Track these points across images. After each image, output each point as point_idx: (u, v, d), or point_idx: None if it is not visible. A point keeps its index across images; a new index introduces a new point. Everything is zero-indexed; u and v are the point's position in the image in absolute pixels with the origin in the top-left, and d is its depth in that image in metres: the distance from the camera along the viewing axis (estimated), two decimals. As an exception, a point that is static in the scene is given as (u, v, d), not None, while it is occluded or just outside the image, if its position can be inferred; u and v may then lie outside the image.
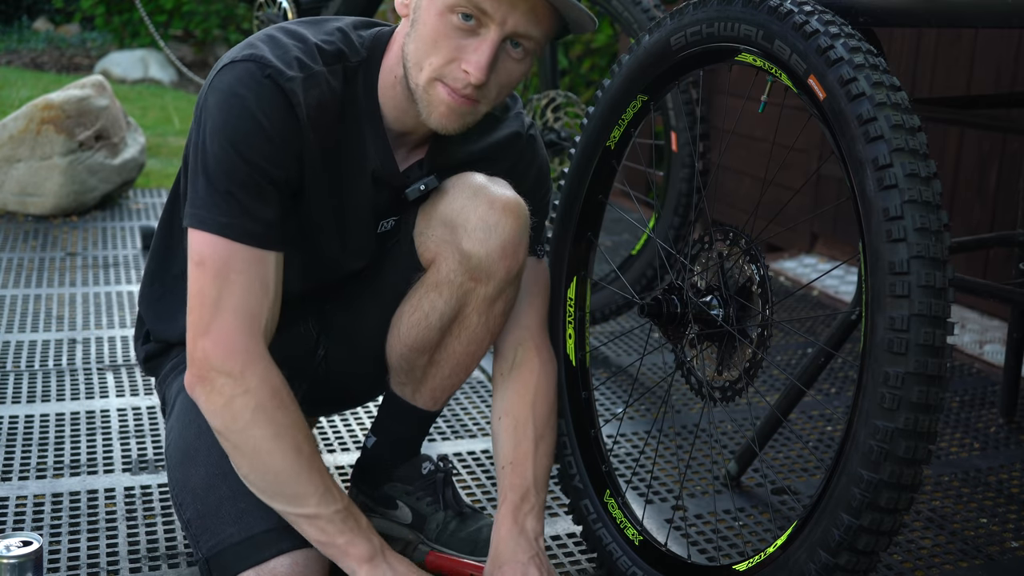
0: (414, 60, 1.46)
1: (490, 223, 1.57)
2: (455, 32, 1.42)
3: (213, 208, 1.41)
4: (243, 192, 1.41)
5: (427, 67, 1.45)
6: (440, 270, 1.61)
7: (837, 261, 3.70)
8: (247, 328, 1.42)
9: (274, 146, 1.42)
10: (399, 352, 1.68)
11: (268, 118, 1.41)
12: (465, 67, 1.43)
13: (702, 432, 2.34)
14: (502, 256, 1.58)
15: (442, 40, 1.43)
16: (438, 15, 1.42)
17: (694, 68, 1.61)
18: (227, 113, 1.41)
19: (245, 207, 1.41)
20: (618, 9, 2.60)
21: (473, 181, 1.60)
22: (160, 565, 1.73)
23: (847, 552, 1.29)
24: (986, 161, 3.08)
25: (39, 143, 3.87)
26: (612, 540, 1.70)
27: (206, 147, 1.42)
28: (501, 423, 1.67)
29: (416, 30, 1.46)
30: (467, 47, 1.43)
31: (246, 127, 1.41)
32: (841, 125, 1.32)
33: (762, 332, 1.48)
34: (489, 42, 1.42)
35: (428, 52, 1.44)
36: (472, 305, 1.62)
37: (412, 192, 1.59)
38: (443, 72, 1.45)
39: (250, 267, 1.42)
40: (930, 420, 1.25)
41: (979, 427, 2.41)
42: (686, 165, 2.57)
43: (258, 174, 1.42)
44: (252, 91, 1.41)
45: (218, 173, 1.41)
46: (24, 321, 2.86)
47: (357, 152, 1.54)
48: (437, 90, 1.46)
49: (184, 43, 8.93)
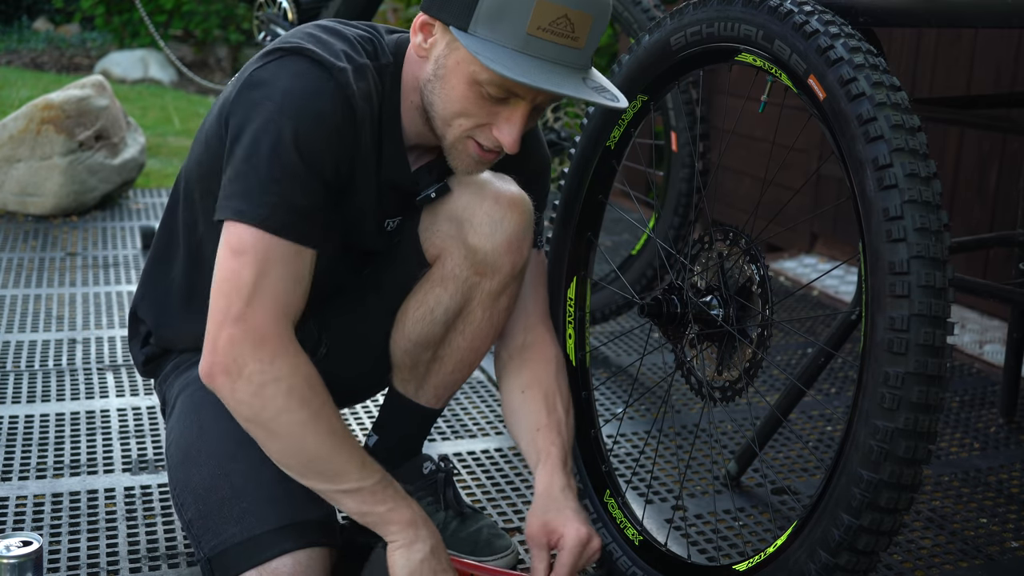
0: (442, 116, 1.46)
1: (496, 218, 1.58)
2: (485, 100, 1.42)
3: (258, 201, 1.38)
4: (291, 186, 1.39)
5: (457, 127, 1.45)
6: (445, 265, 1.62)
7: (837, 261, 3.71)
8: (281, 318, 1.40)
9: (331, 140, 1.41)
10: (403, 347, 1.69)
11: (327, 111, 1.40)
12: (497, 135, 1.43)
13: (702, 432, 2.34)
14: (507, 250, 1.59)
15: (472, 107, 1.43)
16: (467, 84, 1.41)
17: (694, 68, 1.62)
18: (281, 105, 1.38)
19: (291, 202, 1.39)
20: (618, 9, 2.60)
21: (478, 177, 1.61)
22: (160, 565, 1.73)
23: (847, 552, 1.29)
24: (986, 161, 3.08)
25: (39, 143, 3.87)
26: (612, 540, 1.70)
27: (258, 140, 1.38)
28: (526, 395, 1.65)
29: (443, 87, 1.44)
30: (499, 114, 1.43)
31: (303, 119, 1.38)
32: (841, 125, 1.32)
33: (762, 332, 1.48)
34: (520, 114, 1.42)
35: (458, 114, 1.44)
36: (477, 300, 1.63)
37: (423, 200, 1.60)
38: (474, 133, 1.45)
39: (289, 261, 1.40)
40: (930, 420, 1.25)
41: (979, 427, 2.41)
42: (686, 165, 2.58)
43: (309, 169, 1.40)
44: (308, 82, 1.40)
45: (267, 166, 1.38)
46: (24, 321, 2.86)
47: (372, 151, 1.54)
48: (467, 146, 1.47)
49: (184, 43, 8.94)
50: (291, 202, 1.39)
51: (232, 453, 1.55)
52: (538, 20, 1.35)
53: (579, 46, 1.39)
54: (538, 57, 1.37)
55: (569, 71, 1.39)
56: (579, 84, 1.39)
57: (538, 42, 1.36)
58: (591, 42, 1.41)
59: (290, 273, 1.40)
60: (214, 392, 1.43)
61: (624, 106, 1.43)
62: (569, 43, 1.38)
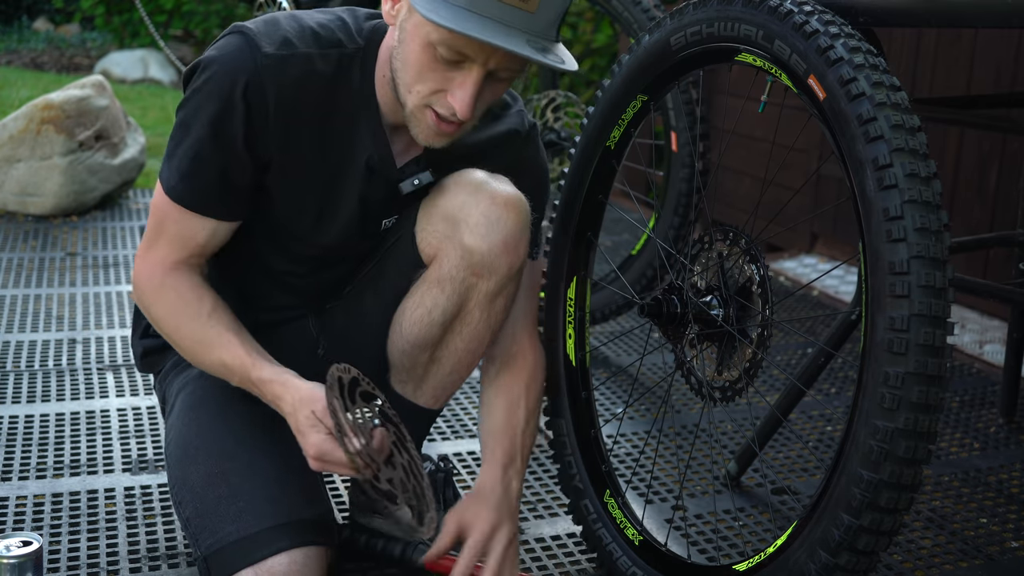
0: (401, 81, 1.47)
1: (492, 218, 1.57)
2: (439, 64, 1.42)
3: (173, 167, 1.51)
4: (196, 159, 1.49)
5: (415, 93, 1.46)
6: (442, 266, 1.62)
7: (837, 261, 3.71)
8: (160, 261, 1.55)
9: (236, 115, 1.46)
10: (400, 349, 1.68)
11: (237, 90, 1.45)
12: (451, 100, 1.44)
13: (702, 432, 2.34)
14: (504, 251, 1.59)
15: (427, 71, 1.43)
16: (421, 47, 1.42)
17: (694, 68, 1.61)
18: (201, 80, 1.47)
19: (194, 172, 1.49)
20: (618, 9, 2.60)
21: (474, 177, 1.60)
22: (160, 565, 1.73)
23: (847, 552, 1.29)
24: (986, 161, 3.08)
25: (39, 143, 3.87)
26: (612, 540, 1.70)
27: (181, 107, 1.50)
28: (493, 402, 1.70)
29: (402, 50, 1.45)
30: (452, 80, 1.43)
31: (214, 95, 1.46)
32: (841, 125, 1.32)
33: (762, 332, 1.48)
34: (473, 79, 1.42)
35: (414, 79, 1.45)
36: (474, 301, 1.62)
37: (406, 186, 1.59)
38: (430, 100, 1.45)
39: (181, 221, 1.53)
40: (930, 420, 1.25)
41: (979, 427, 2.41)
42: (686, 165, 2.57)
43: (215, 145, 1.47)
44: (227, 61, 1.46)
45: (180, 137, 1.49)
46: (24, 321, 2.86)
47: (351, 138, 1.55)
48: (425, 115, 1.47)
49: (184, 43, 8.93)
50: (193, 172, 1.50)
51: (230, 452, 1.55)
52: None
53: (530, 9, 1.38)
54: (483, 15, 1.37)
55: (513, 31, 1.38)
56: (521, 43, 1.38)
57: (485, 1, 1.36)
58: (546, 8, 1.40)
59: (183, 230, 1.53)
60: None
61: (572, 68, 1.44)
62: (519, 4, 1.38)
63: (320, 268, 1.70)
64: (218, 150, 1.48)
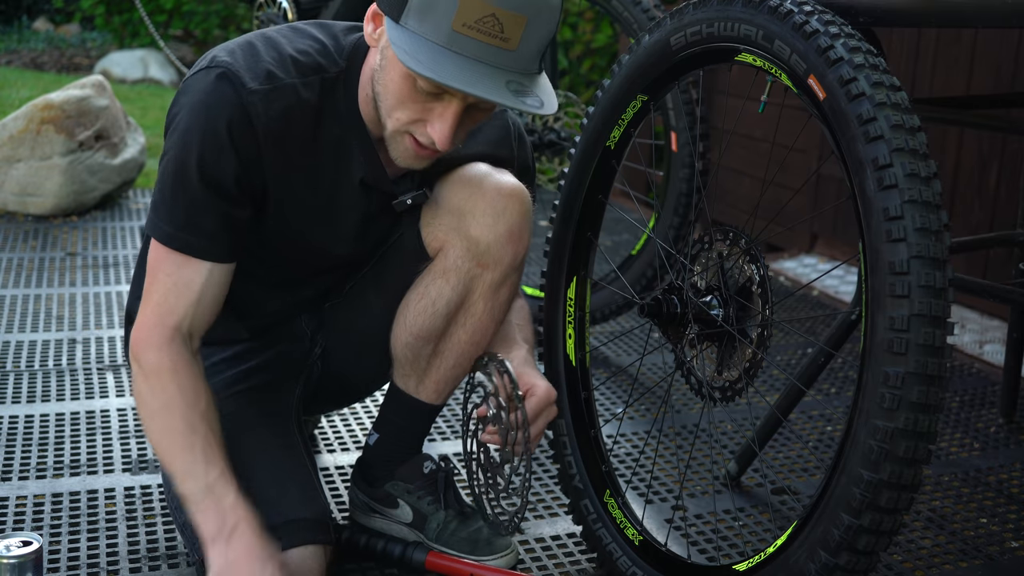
0: (383, 104, 1.46)
1: (498, 208, 1.60)
2: (419, 94, 1.41)
3: (162, 214, 1.46)
4: (190, 202, 1.44)
5: (394, 119, 1.45)
6: (448, 257, 1.63)
7: (837, 261, 3.70)
8: (157, 322, 1.48)
9: (226, 156, 1.44)
10: (404, 341, 1.69)
11: (223, 130, 1.43)
12: (430, 131, 1.43)
13: (702, 432, 2.34)
14: (508, 240, 1.61)
15: (407, 100, 1.42)
16: (401, 76, 1.41)
17: (694, 68, 1.61)
18: (187, 121, 1.44)
19: (189, 217, 1.45)
20: (618, 9, 2.60)
21: (478, 170, 1.62)
22: (160, 565, 1.73)
23: (847, 552, 1.29)
24: (986, 161, 3.08)
25: (39, 143, 3.87)
26: (612, 540, 1.70)
27: (167, 152, 1.46)
28: None
29: (384, 78, 1.44)
30: (432, 110, 1.42)
31: (200, 137, 1.43)
32: (841, 125, 1.32)
33: (762, 332, 1.48)
34: (452, 111, 1.41)
35: (394, 107, 1.44)
36: (478, 292, 1.64)
37: (399, 205, 1.60)
38: (410, 128, 1.45)
39: (178, 271, 1.47)
40: (930, 420, 1.25)
41: (979, 427, 2.41)
42: (686, 165, 2.57)
43: (207, 184, 1.44)
44: (211, 101, 1.43)
45: (170, 180, 1.45)
46: (24, 321, 2.86)
47: (344, 160, 1.55)
48: (404, 140, 1.47)
49: (184, 43, 8.93)
50: (188, 218, 1.45)
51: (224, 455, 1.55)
52: (463, 16, 1.33)
53: (510, 47, 1.36)
54: (461, 54, 1.34)
55: (494, 72, 1.36)
56: (499, 87, 1.35)
57: (463, 39, 1.34)
58: (527, 44, 1.37)
59: (178, 281, 1.47)
60: None
61: (551, 112, 1.40)
62: (498, 43, 1.35)
63: (317, 275, 1.71)
64: (212, 193, 1.45)
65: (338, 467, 2.09)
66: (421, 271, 1.67)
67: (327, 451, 2.16)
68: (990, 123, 2.29)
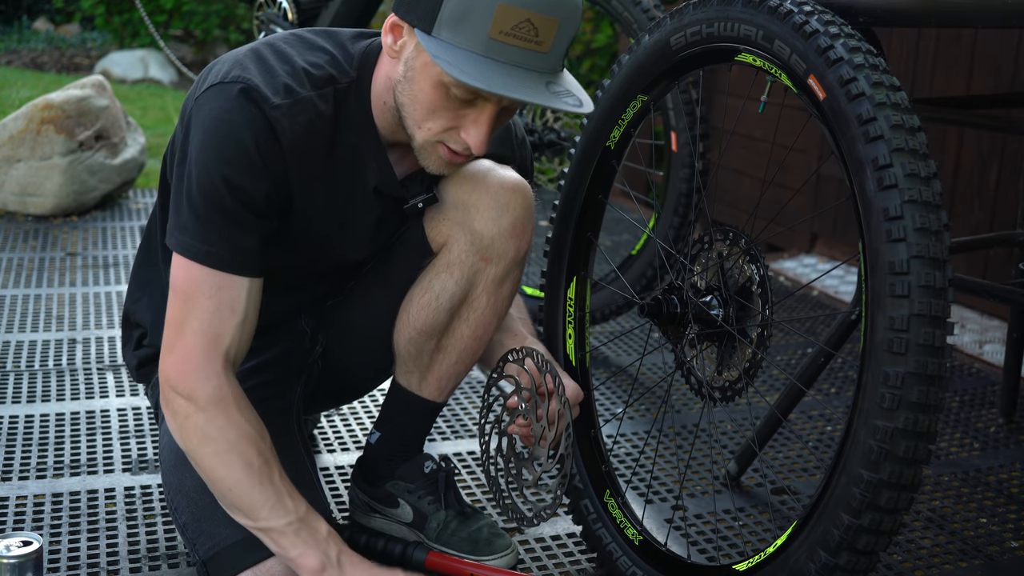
0: (411, 117, 1.46)
1: (501, 203, 1.61)
2: (451, 102, 1.42)
3: (193, 233, 1.43)
4: (222, 219, 1.43)
5: (426, 130, 1.45)
6: (451, 251, 1.64)
7: (837, 261, 3.70)
8: (206, 349, 1.44)
9: (256, 173, 1.43)
10: (407, 336, 1.69)
11: (252, 146, 1.42)
12: (464, 137, 1.44)
13: (702, 432, 2.34)
14: (512, 234, 1.63)
15: (439, 109, 1.43)
16: (432, 86, 1.42)
17: (694, 68, 1.62)
18: (212, 139, 1.42)
19: (223, 234, 1.43)
20: (618, 9, 2.60)
21: (481, 166, 1.64)
22: (160, 565, 1.73)
23: (847, 552, 1.29)
24: (986, 161, 3.08)
25: (39, 143, 3.87)
26: (612, 540, 1.70)
27: (190, 171, 1.43)
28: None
29: (411, 89, 1.44)
30: (466, 117, 1.43)
31: (229, 155, 1.41)
32: (841, 125, 1.32)
33: (762, 332, 1.48)
34: (487, 117, 1.42)
35: (425, 117, 1.44)
36: (481, 286, 1.65)
37: (411, 209, 1.61)
38: (442, 137, 1.46)
39: (220, 292, 1.44)
40: (930, 420, 1.25)
41: (979, 427, 2.41)
42: (686, 165, 2.57)
43: (239, 201, 1.43)
44: (237, 118, 1.42)
45: (200, 199, 1.42)
46: (24, 321, 2.86)
47: (358, 167, 1.56)
48: (437, 149, 1.48)
49: (184, 43, 8.93)
50: (222, 233, 1.43)
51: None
52: (500, 24, 1.34)
53: (544, 50, 1.38)
54: (500, 61, 1.36)
55: (532, 75, 1.38)
56: (541, 89, 1.38)
57: (501, 46, 1.36)
58: (558, 46, 1.40)
59: (222, 303, 1.44)
60: None
61: (588, 111, 1.42)
62: (534, 47, 1.37)
63: (324, 277, 1.71)
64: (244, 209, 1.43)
65: (338, 467, 2.09)
66: (424, 267, 1.68)
67: (327, 451, 2.16)
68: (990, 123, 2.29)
